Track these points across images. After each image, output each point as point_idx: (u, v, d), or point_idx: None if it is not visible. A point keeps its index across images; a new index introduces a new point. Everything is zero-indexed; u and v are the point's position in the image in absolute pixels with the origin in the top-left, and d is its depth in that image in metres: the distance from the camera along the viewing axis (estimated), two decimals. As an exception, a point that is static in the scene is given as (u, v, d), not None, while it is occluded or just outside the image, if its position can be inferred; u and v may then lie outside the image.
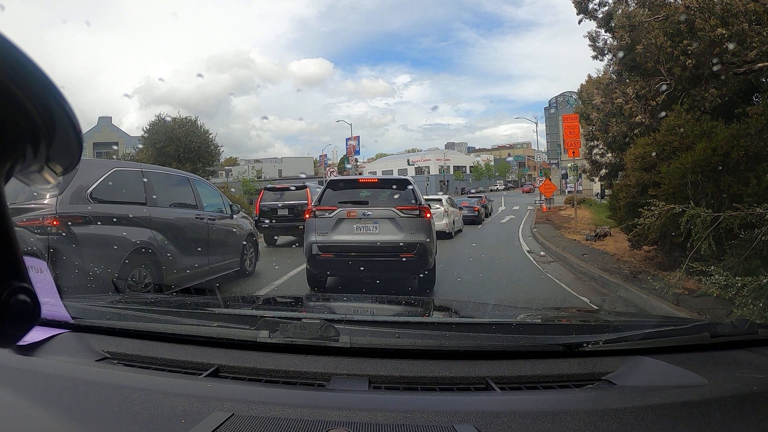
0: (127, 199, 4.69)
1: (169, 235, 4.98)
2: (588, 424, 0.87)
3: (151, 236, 4.69)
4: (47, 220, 3.86)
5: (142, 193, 4.88)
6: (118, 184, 4.60)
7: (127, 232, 4.47)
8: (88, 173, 4.34)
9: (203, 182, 6.64)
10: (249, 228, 7.17)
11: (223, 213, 6.46)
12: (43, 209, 3.89)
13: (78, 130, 0.42)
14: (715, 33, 7.35)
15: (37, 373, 1.08)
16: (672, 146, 6.09)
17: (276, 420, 0.87)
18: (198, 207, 5.83)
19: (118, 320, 1.45)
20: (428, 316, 1.95)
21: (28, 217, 3.86)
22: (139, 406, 0.93)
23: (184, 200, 5.67)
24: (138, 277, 4.47)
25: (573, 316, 2.13)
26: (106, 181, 4.47)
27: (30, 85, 0.36)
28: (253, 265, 7.07)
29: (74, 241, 3.96)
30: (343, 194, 5.40)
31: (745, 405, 0.96)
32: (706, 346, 1.24)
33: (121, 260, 4.28)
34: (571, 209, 24.36)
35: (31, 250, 3.68)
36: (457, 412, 0.91)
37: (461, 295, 5.46)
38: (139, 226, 4.63)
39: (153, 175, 5.24)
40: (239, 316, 1.63)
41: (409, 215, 5.07)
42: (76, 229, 4.01)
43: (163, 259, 4.78)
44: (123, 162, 6.70)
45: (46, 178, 0.43)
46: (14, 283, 0.37)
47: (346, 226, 5.10)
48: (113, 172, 4.65)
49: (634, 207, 6.26)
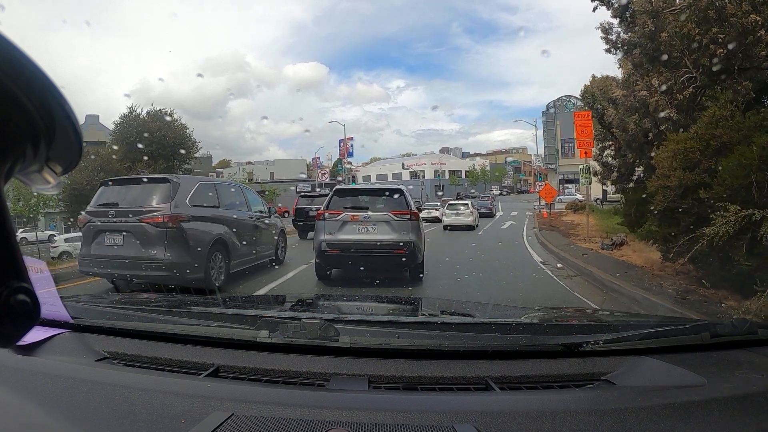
0: (208, 203, 6.27)
1: (233, 230, 6.50)
2: (588, 424, 0.86)
3: (224, 230, 6.25)
4: (165, 218, 5.48)
5: (216, 200, 6.49)
6: (203, 194, 6.25)
7: (210, 227, 6.07)
8: (186, 186, 6.01)
9: (249, 189, 8.36)
10: (281, 226, 8.82)
11: (263, 213, 7.91)
12: (161, 211, 5.53)
13: (78, 130, 0.42)
14: (748, 20, 6.46)
15: (37, 373, 1.07)
16: (720, 140, 5.16)
17: (276, 420, 0.87)
18: (248, 209, 7.42)
19: (118, 320, 1.45)
20: (428, 316, 1.94)
21: (151, 216, 5.50)
22: (139, 406, 0.92)
23: (240, 204, 7.23)
24: (215, 259, 5.98)
25: (573, 316, 2.11)
26: (197, 191, 6.12)
27: (30, 85, 0.36)
28: (283, 255, 8.75)
29: (182, 232, 5.58)
30: (347, 200, 6.38)
31: (745, 405, 0.95)
32: (706, 346, 1.23)
33: (208, 247, 5.81)
34: (574, 215, 23.60)
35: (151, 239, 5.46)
36: (457, 412, 0.90)
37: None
38: (216, 222, 6.21)
39: (220, 185, 7.03)
40: (239, 316, 1.61)
41: (401, 219, 6.02)
42: (183, 224, 5.62)
43: (230, 246, 6.29)
44: (204, 177, 8.97)
45: (46, 178, 0.43)
46: (14, 283, 0.38)
47: (350, 227, 6.05)
48: (199, 185, 6.33)
49: (672, 212, 5.30)
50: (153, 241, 5.43)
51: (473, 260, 9.34)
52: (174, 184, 5.81)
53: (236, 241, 6.49)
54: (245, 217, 7.17)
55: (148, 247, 5.42)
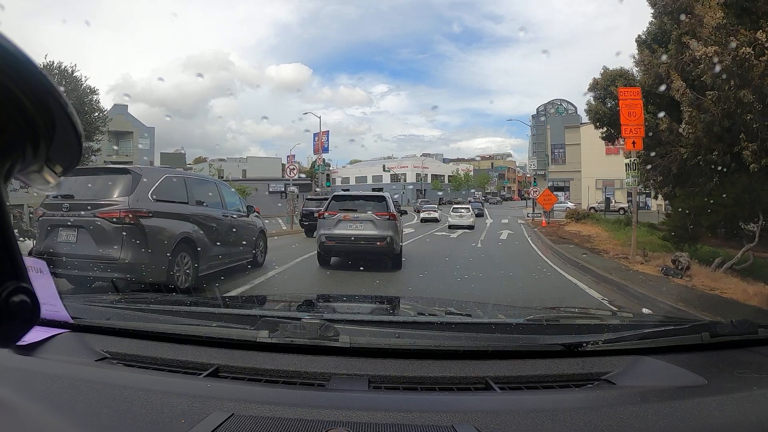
0: (175, 198, 5.76)
1: (203, 228, 6.02)
2: (588, 424, 0.86)
3: (191, 228, 5.75)
4: (122, 213, 4.96)
5: (185, 195, 5.97)
6: (169, 188, 5.73)
7: (175, 224, 5.54)
8: (150, 178, 5.49)
9: (226, 185, 7.88)
10: (261, 225, 8.22)
11: (240, 212, 7.45)
12: (118, 205, 5.01)
13: (78, 130, 0.41)
14: None
15: (36, 373, 1.07)
16: None
17: (276, 420, 0.87)
18: (223, 206, 6.87)
19: (118, 320, 1.44)
20: (428, 316, 1.92)
21: (108, 210, 4.98)
22: (139, 406, 0.92)
23: (212, 200, 6.70)
24: (181, 260, 5.44)
25: (573, 316, 2.09)
26: (162, 184, 5.59)
27: (30, 85, 0.36)
28: (263, 258, 8.09)
29: (141, 229, 5.03)
30: (342, 204, 8.23)
31: (745, 405, 0.95)
32: (706, 346, 1.23)
33: (172, 246, 5.29)
34: (577, 224, 21.07)
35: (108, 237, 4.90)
36: (457, 412, 0.90)
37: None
38: (183, 220, 5.70)
39: (190, 179, 6.53)
40: (239, 316, 1.60)
41: (382, 219, 7.79)
42: (143, 220, 5.07)
43: (199, 246, 5.80)
44: (172, 170, 7.76)
45: (46, 178, 0.43)
46: (14, 283, 0.38)
47: (343, 224, 7.85)
48: (165, 177, 5.79)
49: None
50: (109, 239, 4.91)
51: (507, 290, 6.36)
52: (135, 176, 5.27)
53: (207, 241, 6.00)
54: (219, 215, 6.65)
55: (104, 245, 4.91)
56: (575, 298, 6.31)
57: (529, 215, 28.08)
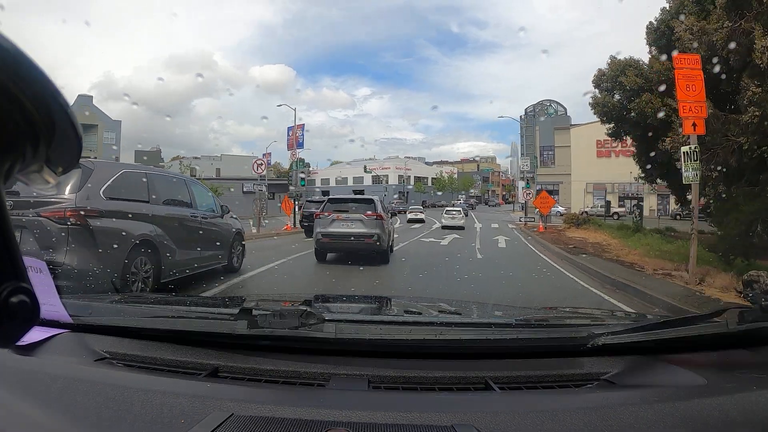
0: (134, 197, 5.23)
1: (167, 229, 5.49)
2: (588, 424, 0.86)
3: (152, 230, 5.24)
4: (68, 213, 4.43)
5: (146, 193, 5.42)
6: (126, 184, 5.18)
7: (132, 225, 5.00)
8: (103, 173, 4.96)
9: (197, 183, 7.34)
10: (238, 227, 7.74)
11: (214, 212, 7.05)
12: (64, 203, 4.44)
13: (78, 130, 0.41)
14: None
15: (36, 373, 1.06)
16: None
17: (275, 420, 0.86)
18: (192, 206, 6.38)
19: (118, 320, 1.43)
20: (428, 316, 1.91)
21: (51, 209, 4.41)
22: (139, 406, 0.91)
23: (180, 200, 6.20)
24: (139, 264, 4.98)
25: (573, 315, 2.07)
26: (118, 181, 5.05)
27: (30, 85, 0.36)
28: (239, 262, 7.64)
29: (89, 231, 4.53)
30: (336, 206, 9.39)
31: (745, 405, 0.94)
32: (706, 346, 1.22)
33: (127, 250, 4.82)
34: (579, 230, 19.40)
35: (52, 240, 4.33)
36: (456, 412, 0.89)
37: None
38: (142, 221, 5.17)
39: (154, 176, 5.86)
40: (239, 315, 1.53)
41: (371, 218, 8.88)
42: (92, 221, 4.56)
43: (161, 250, 5.30)
44: (131, 164, 7.19)
45: (45, 178, 0.43)
46: (13, 283, 0.37)
47: (337, 223, 8.95)
48: (122, 173, 5.24)
49: None
50: (52, 241, 4.35)
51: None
52: (85, 170, 4.67)
53: (171, 244, 5.49)
54: (187, 215, 6.14)
55: (47, 247, 4.31)
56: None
57: (521, 219, 26.43)
